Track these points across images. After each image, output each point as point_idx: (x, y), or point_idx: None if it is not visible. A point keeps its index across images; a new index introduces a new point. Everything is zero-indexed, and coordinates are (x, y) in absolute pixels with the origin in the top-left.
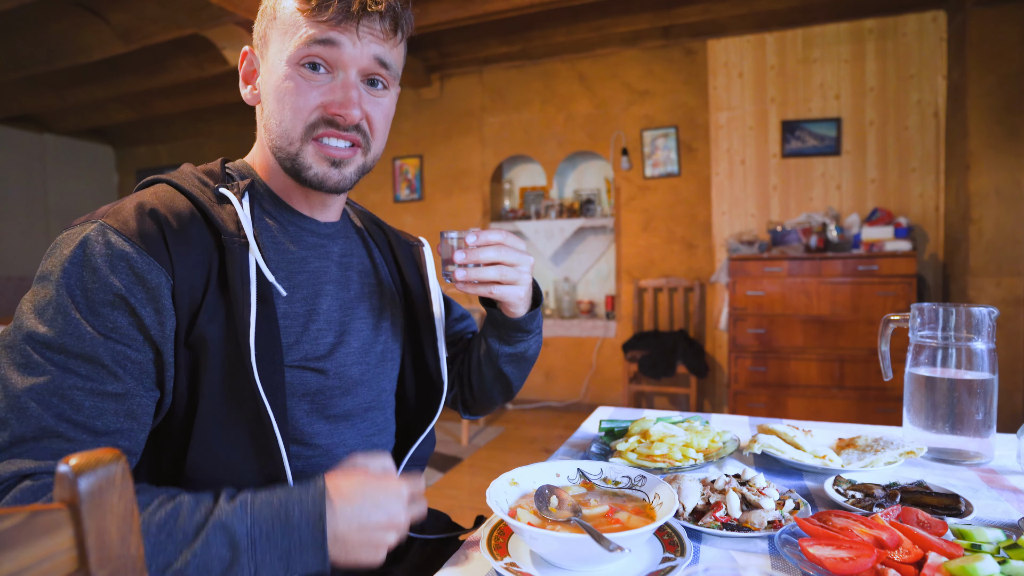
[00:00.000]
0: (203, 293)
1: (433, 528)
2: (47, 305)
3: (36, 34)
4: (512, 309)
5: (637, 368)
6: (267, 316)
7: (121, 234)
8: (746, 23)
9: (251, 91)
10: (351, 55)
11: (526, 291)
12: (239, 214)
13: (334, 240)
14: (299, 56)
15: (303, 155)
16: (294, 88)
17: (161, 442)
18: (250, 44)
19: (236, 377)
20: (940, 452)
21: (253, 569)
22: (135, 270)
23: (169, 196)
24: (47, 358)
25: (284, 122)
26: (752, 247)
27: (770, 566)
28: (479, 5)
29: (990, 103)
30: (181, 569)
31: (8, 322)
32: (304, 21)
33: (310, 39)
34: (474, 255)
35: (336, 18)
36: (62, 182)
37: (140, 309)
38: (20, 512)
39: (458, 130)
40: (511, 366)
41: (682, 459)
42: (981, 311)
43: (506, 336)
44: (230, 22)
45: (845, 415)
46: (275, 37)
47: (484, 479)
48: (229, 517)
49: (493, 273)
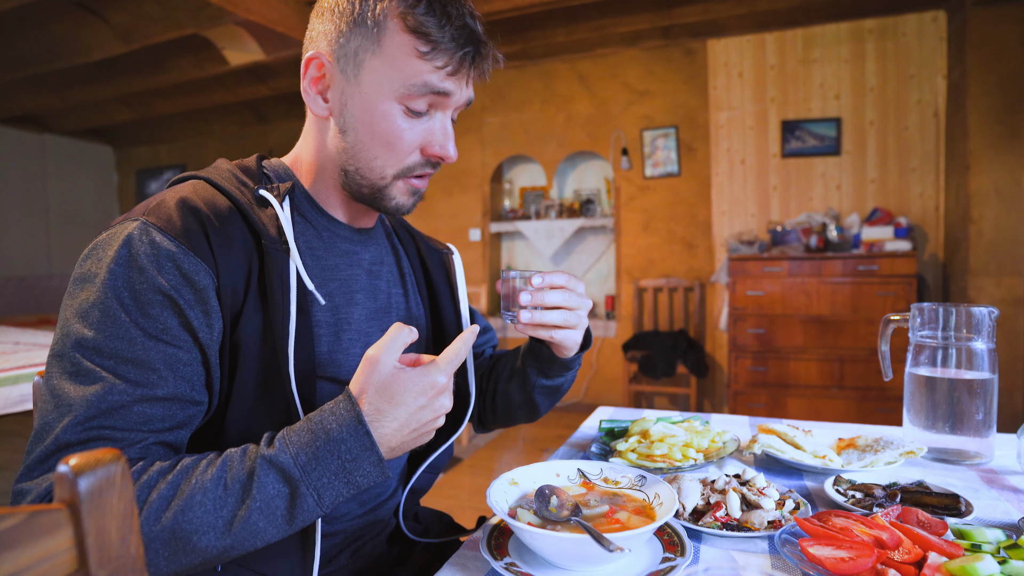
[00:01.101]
0: (244, 295)
1: (436, 530)
2: (93, 308)
3: (36, 34)
4: (565, 351)
5: (637, 368)
6: (304, 326)
7: (165, 233)
8: (746, 23)
9: (324, 104)
10: (456, 100)
11: (582, 333)
12: (280, 219)
13: (366, 247)
14: (410, 98)
15: (391, 189)
16: (398, 130)
17: (190, 440)
18: (315, 48)
19: (270, 383)
20: (940, 452)
21: (316, 496)
22: (182, 270)
23: (209, 194)
24: (98, 364)
25: (379, 158)
26: (752, 247)
27: (770, 566)
28: (479, 5)
29: (990, 103)
30: (246, 517)
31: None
32: (420, 64)
33: (427, 87)
34: (539, 298)
35: (452, 67)
36: (62, 182)
37: (188, 310)
38: (20, 512)
39: (458, 130)
40: (544, 396)
41: (682, 459)
42: (981, 311)
43: (547, 370)
44: (230, 22)
45: (845, 415)
46: (377, 66)
47: (484, 479)
48: (273, 454)
49: (557, 318)
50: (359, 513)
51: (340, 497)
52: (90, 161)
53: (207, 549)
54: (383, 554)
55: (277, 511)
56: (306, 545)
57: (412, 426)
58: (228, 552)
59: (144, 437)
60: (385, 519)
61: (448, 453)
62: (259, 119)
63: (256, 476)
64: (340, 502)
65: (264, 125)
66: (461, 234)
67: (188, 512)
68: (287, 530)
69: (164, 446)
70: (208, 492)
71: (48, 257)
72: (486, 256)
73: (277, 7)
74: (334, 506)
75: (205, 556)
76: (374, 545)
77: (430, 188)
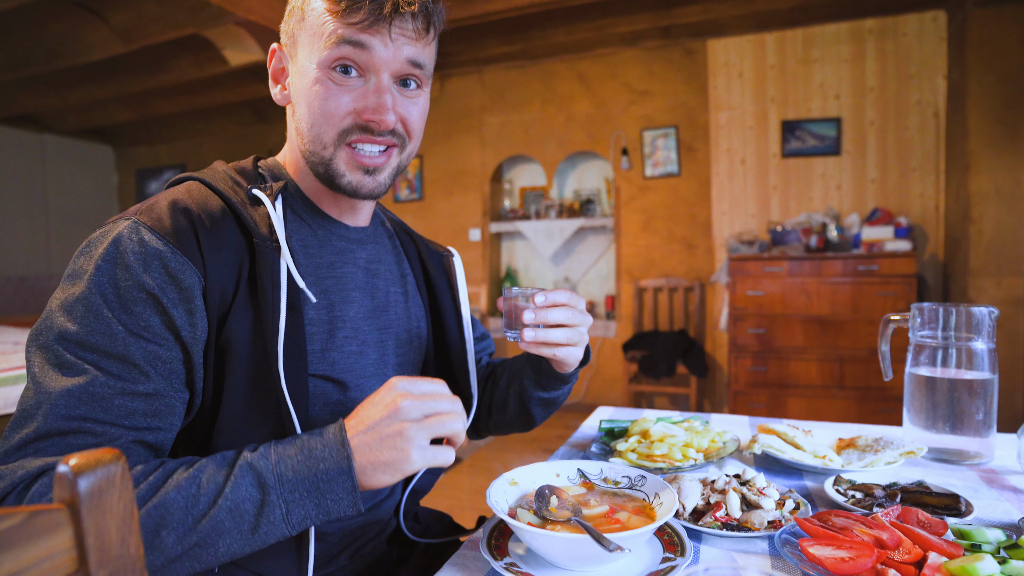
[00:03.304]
0: (233, 295)
1: (436, 531)
2: (77, 303)
3: (36, 34)
4: (565, 367)
5: (637, 368)
6: (295, 323)
7: (155, 232)
8: (746, 23)
9: (280, 91)
10: (383, 58)
11: (583, 350)
12: (271, 217)
13: (363, 246)
14: (329, 59)
15: (336, 162)
16: (325, 93)
17: (183, 441)
18: (278, 42)
19: (261, 382)
20: (940, 452)
21: (284, 508)
22: (168, 269)
23: (202, 195)
24: (80, 357)
25: (315, 127)
26: (752, 247)
27: (770, 566)
28: (479, 5)
29: (990, 103)
30: (215, 515)
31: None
32: (333, 23)
33: (340, 40)
34: (543, 316)
35: (367, 20)
36: (62, 182)
37: (172, 309)
38: (20, 512)
39: (458, 130)
40: (540, 408)
41: (682, 459)
42: (981, 311)
43: (545, 383)
44: (230, 22)
45: (845, 415)
46: (304, 39)
47: (484, 479)
48: (254, 458)
49: (560, 336)
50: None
51: (309, 519)
52: (90, 161)
53: (171, 548)
54: (383, 555)
55: (245, 515)
56: (301, 544)
57: (378, 434)
58: (191, 554)
59: (124, 433)
60: (384, 519)
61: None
62: (259, 119)
63: (233, 476)
64: (308, 525)
65: (264, 125)
66: (461, 234)
67: (160, 507)
68: (250, 540)
69: (145, 446)
70: (182, 490)
71: (48, 257)
72: (486, 256)
73: (277, 7)
74: (301, 528)
75: (169, 555)
76: (374, 546)
77: (430, 188)
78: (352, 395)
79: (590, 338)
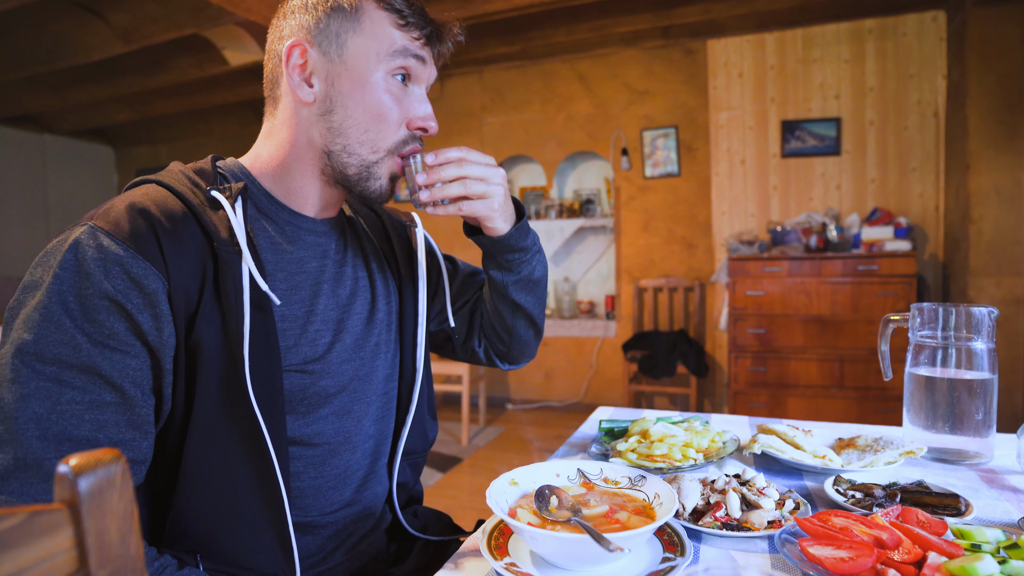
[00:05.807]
0: (199, 297)
1: (435, 529)
2: (35, 313)
3: (36, 34)
4: (490, 224)
5: (637, 368)
6: (264, 322)
7: (113, 236)
8: (746, 23)
9: (309, 89)
10: (428, 74)
11: (500, 203)
12: (231, 220)
13: (331, 237)
14: (393, 68)
15: (380, 166)
16: (389, 100)
17: (159, 445)
18: (293, 39)
19: (231, 383)
20: (940, 452)
21: None
22: (130, 275)
23: (162, 197)
24: (38, 371)
25: (370, 131)
26: (752, 247)
27: (770, 566)
28: (479, 5)
29: (990, 103)
30: None
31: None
32: (395, 33)
33: (406, 52)
34: (435, 174)
35: (422, 39)
36: (62, 182)
37: (137, 314)
38: (20, 512)
39: (458, 130)
40: (522, 294)
41: (682, 459)
42: (981, 311)
43: (503, 262)
44: (230, 22)
45: (845, 415)
46: (357, 41)
47: (484, 479)
48: None
49: (458, 188)
50: (344, 503)
51: None
52: (90, 161)
53: None
54: (380, 552)
55: None
56: (284, 539)
57: None
58: None
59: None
60: (375, 511)
61: (420, 437)
62: (259, 119)
63: None
64: None
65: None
66: (461, 234)
67: None
68: None
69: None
70: None
71: None
72: None
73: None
74: None
75: None
76: (370, 543)
77: None
78: (328, 382)
79: (591, 337)
